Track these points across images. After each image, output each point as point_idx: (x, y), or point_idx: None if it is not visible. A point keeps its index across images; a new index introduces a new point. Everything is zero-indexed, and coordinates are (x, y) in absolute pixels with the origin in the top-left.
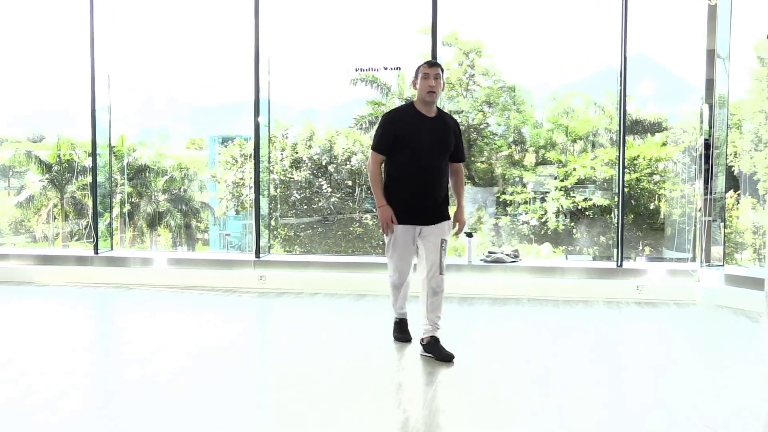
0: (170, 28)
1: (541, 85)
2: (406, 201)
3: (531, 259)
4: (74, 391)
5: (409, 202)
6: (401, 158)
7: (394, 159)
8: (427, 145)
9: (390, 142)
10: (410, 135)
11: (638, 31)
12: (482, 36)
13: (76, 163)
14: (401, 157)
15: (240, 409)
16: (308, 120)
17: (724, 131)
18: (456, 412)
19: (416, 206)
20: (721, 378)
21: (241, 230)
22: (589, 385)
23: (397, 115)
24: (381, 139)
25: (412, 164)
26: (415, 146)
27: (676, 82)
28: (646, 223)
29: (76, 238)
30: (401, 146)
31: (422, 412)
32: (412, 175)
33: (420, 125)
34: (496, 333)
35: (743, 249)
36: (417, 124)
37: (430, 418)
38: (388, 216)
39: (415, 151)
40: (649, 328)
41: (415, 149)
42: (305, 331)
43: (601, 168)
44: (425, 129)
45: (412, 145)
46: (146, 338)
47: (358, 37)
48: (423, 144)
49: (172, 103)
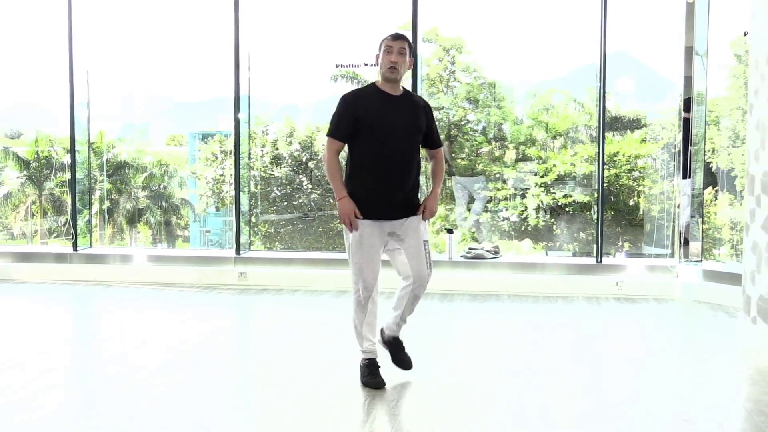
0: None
1: (522, 82)
2: (370, 192)
3: (511, 255)
4: (54, 389)
5: (374, 193)
6: (363, 144)
7: (356, 145)
8: (392, 128)
9: (349, 127)
10: (373, 116)
11: (617, 28)
12: (463, 32)
13: (55, 159)
14: (363, 142)
15: (220, 406)
16: (289, 116)
17: (702, 128)
18: (437, 407)
19: (383, 198)
20: (698, 372)
21: (222, 227)
22: (570, 380)
23: (356, 95)
24: (339, 123)
25: (376, 150)
26: (380, 129)
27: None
28: (625, 219)
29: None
30: (363, 130)
31: (403, 407)
32: (377, 162)
33: (383, 105)
34: (477, 329)
35: (721, 245)
36: (379, 104)
37: (411, 412)
38: (350, 209)
39: (379, 135)
40: (629, 324)
41: (380, 133)
42: (286, 327)
43: (580, 164)
44: (390, 109)
45: (376, 128)
46: (126, 336)
47: (338, 32)
48: (389, 126)
49: (152, 100)
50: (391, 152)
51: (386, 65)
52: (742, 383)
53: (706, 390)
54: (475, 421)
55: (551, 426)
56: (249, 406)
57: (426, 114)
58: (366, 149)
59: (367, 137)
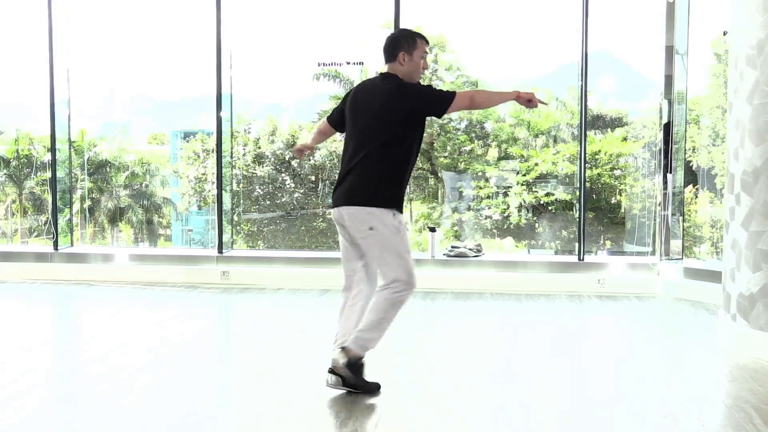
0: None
1: (504, 80)
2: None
3: (494, 253)
4: (34, 390)
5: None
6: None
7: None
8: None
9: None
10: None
11: (599, 27)
12: (446, 30)
13: (35, 158)
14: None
15: (203, 407)
16: (271, 115)
17: (682, 126)
18: (419, 406)
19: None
20: (679, 369)
21: (204, 226)
22: (552, 377)
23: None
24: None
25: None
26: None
27: (637, 78)
28: (607, 217)
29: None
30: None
31: (386, 405)
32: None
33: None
34: (459, 327)
35: (701, 242)
36: None
37: (392, 412)
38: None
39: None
40: (611, 321)
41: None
42: (269, 327)
43: (562, 163)
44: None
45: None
46: (107, 335)
47: (321, 31)
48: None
49: (134, 98)
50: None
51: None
52: (722, 379)
53: (687, 386)
54: (456, 421)
55: (533, 424)
56: (231, 406)
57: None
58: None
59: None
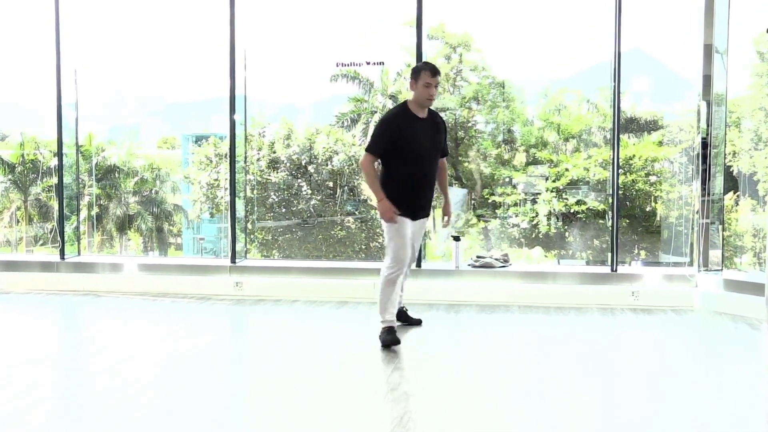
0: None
1: (532, 81)
2: (402, 201)
3: (521, 263)
4: (40, 405)
5: (406, 202)
6: (400, 162)
7: (393, 162)
8: (424, 150)
9: (388, 146)
10: (410, 140)
11: (633, 24)
12: (471, 29)
13: (41, 163)
14: (400, 161)
15: (215, 423)
16: (287, 117)
17: (722, 130)
18: (443, 426)
19: (411, 206)
20: (720, 388)
21: (216, 234)
22: (583, 396)
23: (396, 119)
24: (379, 142)
25: (411, 168)
26: (415, 151)
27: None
28: (641, 225)
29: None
30: (401, 151)
31: (407, 423)
32: (410, 178)
33: (417, 129)
34: (485, 342)
35: (743, 253)
36: (413, 128)
37: (415, 429)
38: (389, 207)
39: (414, 156)
40: (645, 336)
41: (414, 154)
42: (284, 340)
43: (594, 168)
44: (423, 134)
45: (412, 150)
46: (115, 348)
47: (339, 29)
48: (421, 148)
49: (143, 100)
50: (423, 171)
51: (426, 97)
52: (766, 400)
53: (727, 406)
54: None
55: None
56: (245, 422)
57: (444, 131)
58: (402, 167)
59: (403, 157)
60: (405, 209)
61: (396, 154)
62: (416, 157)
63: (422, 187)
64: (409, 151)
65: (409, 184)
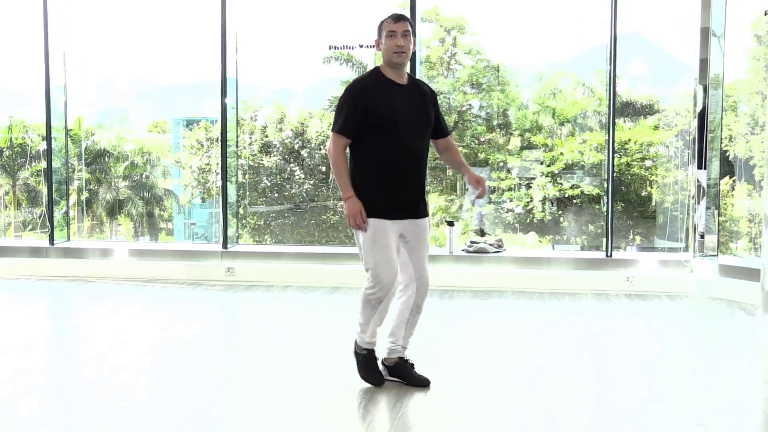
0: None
1: (527, 65)
2: (382, 192)
3: (516, 249)
4: (30, 392)
5: (387, 193)
6: (372, 140)
7: (364, 142)
8: (404, 123)
9: (358, 122)
10: (383, 110)
11: (629, 7)
12: (465, 11)
13: (30, 147)
14: (372, 139)
15: (207, 409)
16: (279, 101)
17: (718, 114)
18: (439, 411)
19: (395, 200)
20: (715, 374)
21: (208, 219)
22: (577, 381)
23: (364, 86)
24: (347, 118)
25: (387, 147)
26: (392, 125)
27: (669, 62)
28: (636, 210)
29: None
30: (373, 126)
31: (401, 410)
32: (387, 160)
33: (393, 96)
34: (479, 328)
35: (738, 238)
36: (388, 95)
37: (411, 416)
38: (357, 209)
39: (391, 131)
40: (640, 322)
41: (391, 129)
42: (276, 326)
43: (589, 153)
44: (400, 101)
45: (387, 124)
46: (106, 335)
47: (332, 12)
48: (400, 121)
49: (133, 83)
50: (403, 149)
51: (392, 50)
52: (760, 385)
53: (722, 392)
54: (476, 426)
55: (557, 431)
56: (236, 409)
57: (433, 103)
58: (375, 146)
59: (376, 133)
60: (383, 207)
61: (368, 132)
62: (395, 133)
63: (406, 175)
64: (385, 126)
65: (387, 170)
